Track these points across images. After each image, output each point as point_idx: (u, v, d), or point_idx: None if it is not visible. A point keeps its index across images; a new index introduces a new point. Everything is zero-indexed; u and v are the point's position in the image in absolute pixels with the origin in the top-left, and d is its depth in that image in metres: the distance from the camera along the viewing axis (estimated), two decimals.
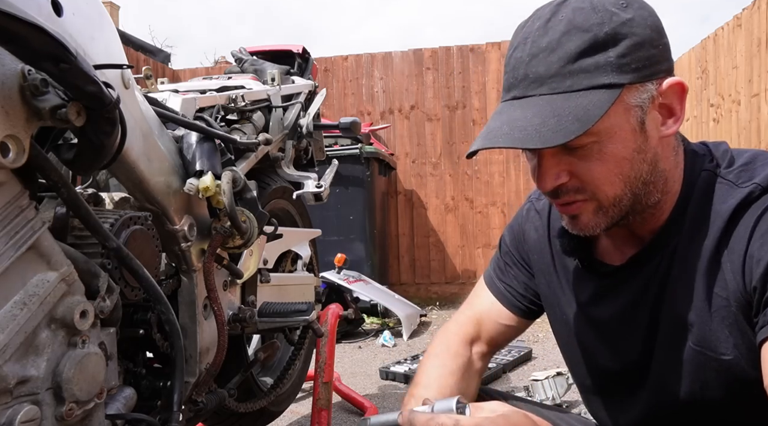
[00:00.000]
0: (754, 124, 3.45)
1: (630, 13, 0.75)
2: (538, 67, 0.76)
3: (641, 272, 0.86)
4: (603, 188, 0.78)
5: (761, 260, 0.72)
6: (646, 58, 0.75)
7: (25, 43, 0.68)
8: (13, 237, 0.74)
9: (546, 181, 0.80)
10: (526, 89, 0.77)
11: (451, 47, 5.37)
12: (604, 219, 0.81)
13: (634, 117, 0.76)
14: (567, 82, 0.74)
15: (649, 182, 0.80)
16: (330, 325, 2.02)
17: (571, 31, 0.74)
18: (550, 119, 0.73)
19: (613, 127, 0.75)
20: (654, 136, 0.78)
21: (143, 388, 1.12)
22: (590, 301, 0.93)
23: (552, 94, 0.75)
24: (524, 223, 1.06)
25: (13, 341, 0.73)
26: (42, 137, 0.86)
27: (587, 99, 0.73)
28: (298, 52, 2.25)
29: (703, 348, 0.80)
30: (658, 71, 0.76)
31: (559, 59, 0.74)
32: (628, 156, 0.77)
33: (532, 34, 0.77)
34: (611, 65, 0.73)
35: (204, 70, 6.65)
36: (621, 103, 0.74)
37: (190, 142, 1.22)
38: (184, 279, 1.25)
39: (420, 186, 5.37)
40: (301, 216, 2.04)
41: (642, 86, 0.75)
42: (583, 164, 0.77)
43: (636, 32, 0.74)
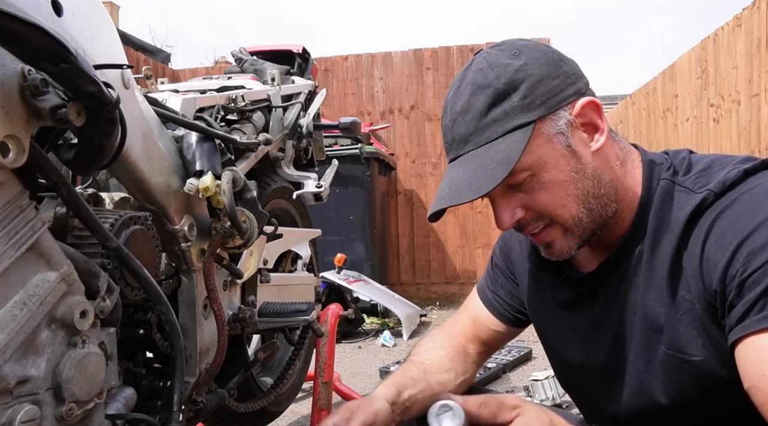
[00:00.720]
0: (754, 124, 3.45)
1: (522, 58, 0.83)
2: (460, 129, 0.85)
3: (611, 278, 0.90)
4: (558, 212, 0.84)
5: (718, 263, 0.75)
6: (548, 91, 0.82)
7: (25, 43, 0.68)
8: (13, 237, 0.74)
9: (503, 220, 0.86)
10: (456, 150, 0.86)
11: (451, 47, 5.38)
12: (574, 240, 0.86)
13: (559, 143, 0.82)
14: (485, 134, 0.82)
15: (601, 195, 0.85)
16: (330, 325, 2.02)
17: (476, 92, 0.83)
18: (477, 171, 0.81)
19: (542, 158, 0.82)
20: (586, 153, 0.84)
21: (143, 388, 1.12)
22: (566, 308, 0.97)
23: (476, 149, 0.83)
24: (511, 236, 1.12)
25: (13, 341, 0.73)
26: (42, 137, 0.86)
27: (505, 143, 0.81)
28: (298, 52, 2.25)
29: (674, 351, 0.82)
30: (566, 98, 0.83)
31: (473, 118, 0.83)
32: (568, 178, 0.83)
33: (449, 102, 0.87)
34: (517, 108, 0.81)
35: (204, 70, 6.65)
36: (541, 136, 0.81)
37: (190, 142, 1.22)
38: (184, 279, 1.25)
39: (420, 186, 5.38)
40: (301, 216, 2.03)
41: (554, 115, 0.82)
42: (531, 197, 0.84)
43: (531, 73, 0.82)
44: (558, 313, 0.99)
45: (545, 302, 1.02)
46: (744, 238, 0.73)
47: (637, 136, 5.59)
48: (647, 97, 5.48)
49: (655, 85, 5.26)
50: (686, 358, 0.81)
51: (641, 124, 5.64)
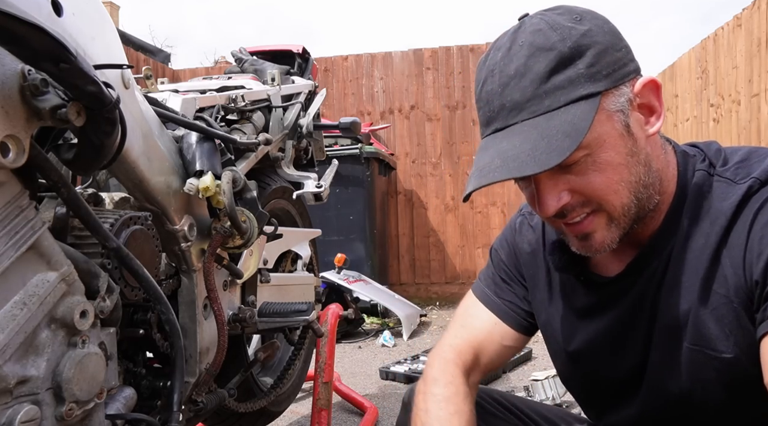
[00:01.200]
0: (754, 124, 3.45)
1: (586, 24, 0.76)
2: (513, 95, 0.75)
3: (639, 279, 0.85)
4: (609, 198, 0.77)
5: (762, 253, 0.72)
6: (614, 62, 0.75)
7: (25, 43, 0.68)
8: (13, 237, 0.74)
9: (548, 205, 0.78)
10: (506, 119, 0.76)
11: (451, 47, 5.37)
12: (617, 231, 0.79)
13: (619, 122, 0.76)
14: (545, 102, 0.74)
15: (648, 184, 0.79)
16: (330, 325, 2.02)
17: (535, 53, 0.75)
18: (540, 142, 0.72)
19: (602, 136, 0.74)
20: (641, 136, 0.78)
21: (143, 388, 1.12)
22: (588, 313, 0.91)
23: (534, 118, 0.74)
24: (517, 236, 1.04)
25: (13, 341, 0.73)
26: (42, 137, 0.86)
27: (570, 114, 0.73)
28: (298, 52, 2.25)
29: (702, 347, 0.79)
30: (628, 73, 0.77)
31: (531, 82, 0.74)
32: (623, 161, 0.76)
33: (498, 65, 0.77)
34: (583, 76, 0.74)
35: (204, 70, 6.65)
36: (603, 112, 0.74)
37: (190, 142, 1.22)
38: (184, 279, 1.25)
39: (420, 186, 5.37)
40: (301, 216, 2.03)
41: (617, 90, 0.76)
42: (582, 179, 0.76)
43: (598, 41, 0.75)
44: (575, 319, 0.93)
45: (559, 309, 0.96)
46: None
47: None
48: None
49: None
50: (715, 354, 0.77)
51: None
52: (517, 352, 1.06)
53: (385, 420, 2.34)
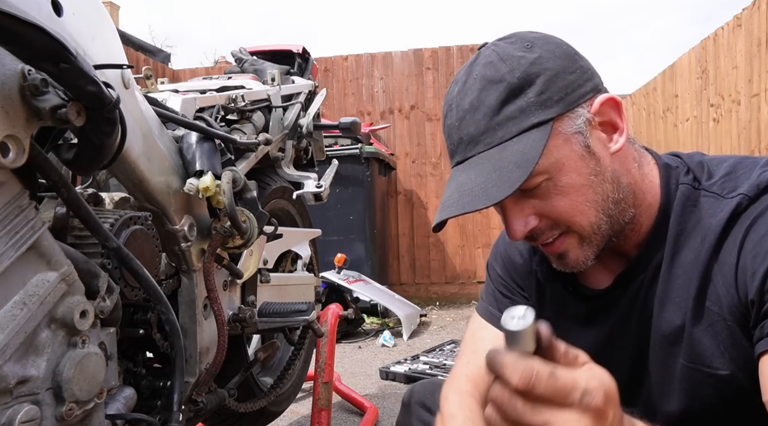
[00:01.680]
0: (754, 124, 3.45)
1: (536, 52, 0.77)
2: (468, 128, 0.77)
3: (627, 291, 0.85)
4: (575, 219, 0.78)
5: (756, 272, 0.71)
6: (565, 86, 0.76)
7: (25, 43, 0.68)
8: (13, 237, 0.74)
9: (515, 230, 0.79)
10: (464, 152, 0.78)
11: (451, 47, 5.38)
12: (590, 249, 0.80)
13: (577, 144, 0.76)
14: (498, 133, 0.75)
15: (619, 200, 0.79)
16: (330, 325, 2.02)
17: (486, 86, 0.76)
18: (492, 174, 0.74)
19: (560, 160, 0.75)
20: (605, 155, 0.78)
21: (143, 388, 1.12)
22: (578, 325, 0.91)
23: (488, 150, 0.76)
24: (509, 248, 1.04)
25: (13, 341, 0.73)
26: (42, 137, 0.86)
27: (522, 143, 0.74)
28: (298, 52, 2.25)
29: (698, 364, 0.78)
30: (584, 94, 0.77)
31: (484, 115, 0.76)
32: (586, 182, 0.77)
33: (454, 100, 0.80)
34: (534, 105, 0.75)
35: (204, 70, 6.65)
36: (558, 136, 0.75)
37: (190, 142, 1.22)
38: (184, 279, 1.25)
39: (420, 186, 5.37)
40: (301, 216, 2.04)
41: (573, 113, 0.76)
42: (546, 203, 0.77)
43: (547, 67, 0.76)
44: (567, 329, 0.92)
45: (552, 318, 0.93)
46: None
47: (637, 136, 5.59)
48: (647, 97, 5.48)
49: (655, 85, 5.26)
50: (711, 371, 0.77)
51: (641, 124, 5.64)
52: None
53: (385, 420, 2.34)
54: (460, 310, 4.84)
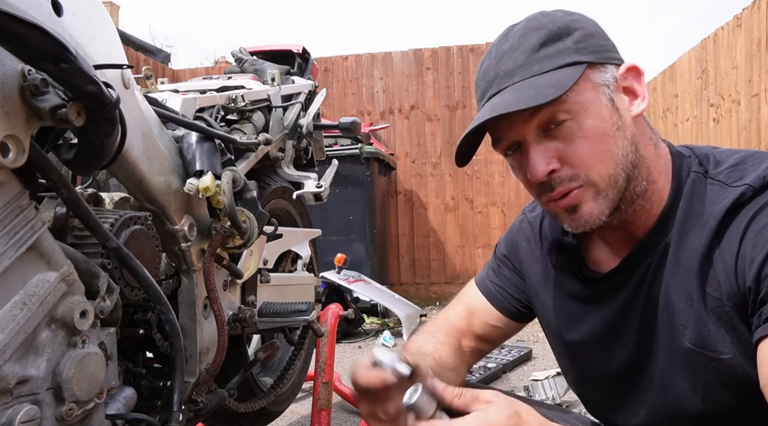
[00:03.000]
0: (754, 124, 3.45)
1: (575, 16, 0.84)
2: (507, 64, 0.82)
3: (635, 274, 0.86)
4: (596, 167, 0.80)
5: (754, 260, 0.73)
6: (600, 45, 0.82)
7: (25, 43, 0.68)
8: (13, 237, 0.74)
9: (537, 168, 0.81)
10: (500, 84, 0.82)
11: (451, 47, 5.38)
12: (605, 203, 0.81)
13: (604, 94, 0.80)
14: (535, 67, 0.80)
15: (636, 164, 0.82)
16: (330, 325, 2.02)
17: (528, 33, 0.82)
18: (528, 91, 0.78)
19: (587, 103, 0.79)
20: (627, 115, 0.82)
21: (143, 388, 1.12)
22: (585, 310, 0.93)
23: (525, 79, 0.80)
24: (517, 233, 1.08)
25: (13, 341, 0.73)
26: (42, 137, 0.86)
27: (557, 74, 0.78)
28: (298, 52, 2.25)
29: (702, 348, 0.79)
30: (614, 58, 0.83)
31: (523, 53, 0.81)
32: (609, 131, 0.80)
33: (494, 47, 0.85)
34: (570, 49, 0.80)
35: (204, 70, 6.66)
36: (588, 81, 0.80)
37: (190, 142, 1.22)
38: (184, 279, 1.25)
39: (420, 186, 5.38)
40: (301, 216, 2.03)
41: (603, 67, 0.81)
42: (569, 146, 0.80)
43: (585, 26, 0.82)
44: (574, 313, 0.95)
45: (557, 304, 0.98)
46: None
47: None
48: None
49: (655, 85, 5.26)
50: (715, 355, 0.78)
51: None
52: (504, 335, 1.11)
53: None
54: None
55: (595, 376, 0.95)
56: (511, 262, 1.09)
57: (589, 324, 0.93)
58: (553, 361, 3.14)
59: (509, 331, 1.10)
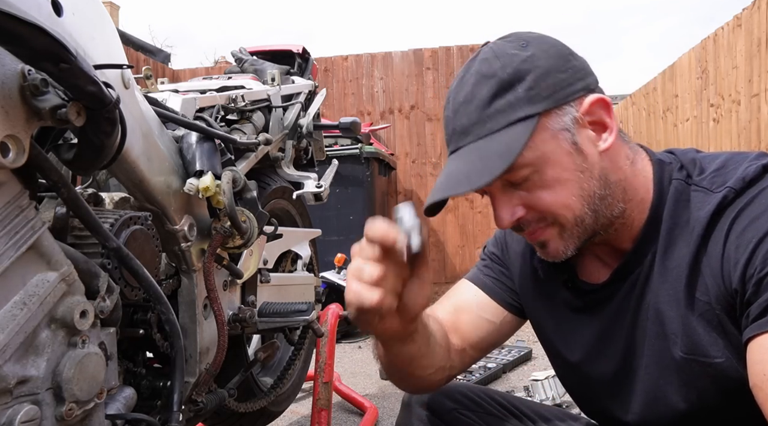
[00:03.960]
0: (754, 124, 3.45)
1: (530, 50, 0.80)
2: (461, 120, 0.81)
3: (623, 285, 0.87)
4: (561, 212, 0.81)
5: (738, 262, 0.73)
6: (555, 84, 0.79)
7: (25, 43, 0.68)
8: (13, 237, 0.74)
9: (503, 218, 0.83)
10: (457, 142, 0.82)
11: (451, 47, 5.37)
12: (571, 241, 0.83)
13: (564, 140, 0.79)
14: (487, 125, 0.79)
15: (606, 196, 0.82)
16: (330, 325, 2.02)
17: (480, 81, 0.80)
18: (477, 164, 0.78)
19: (546, 154, 0.79)
20: (593, 152, 0.81)
21: (143, 388, 1.12)
22: (577, 318, 0.93)
23: (477, 141, 0.80)
24: (508, 235, 1.07)
25: (13, 341, 0.73)
26: (42, 137, 0.86)
27: (507, 136, 0.78)
28: (298, 52, 2.25)
29: (695, 355, 0.79)
30: (573, 92, 0.80)
31: (476, 108, 0.80)
32: (572, 177, 0.80)
33: (452, 94, 0.84)
34: (522, 100, 0.78)
35: (204, 70, 6.66)
36: (545, 131, 0.78)
37: (190, 142, 1.22)
38: (184, 279, 1.25)
39: (420, 186, 5.37)
40: (301, 216, 2.03)
41: (560, 110, 0.79)
42: (533, 195, 0.81)
43: (538, 65, 0.79)
44: (564, 320, 0.95)
45: (548, 309, 0.98)
46: (763, 235, 0.72)
47: (637, 136, 5.59)
48: (647, 97, 5.48)
49: (655, 85, 5.26)
50: (708, 361, 0.79)
51: (641, 124, 5.64)
52: (497, 333, 1.04)
53: (385, 420, 2.34)
54: None
55: (587, 381, 0.95)
56: (502, 260, 1.07)
57: (580, 333, 0.93)
58: None
59: (503, 329, 1.04)
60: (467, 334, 1.02)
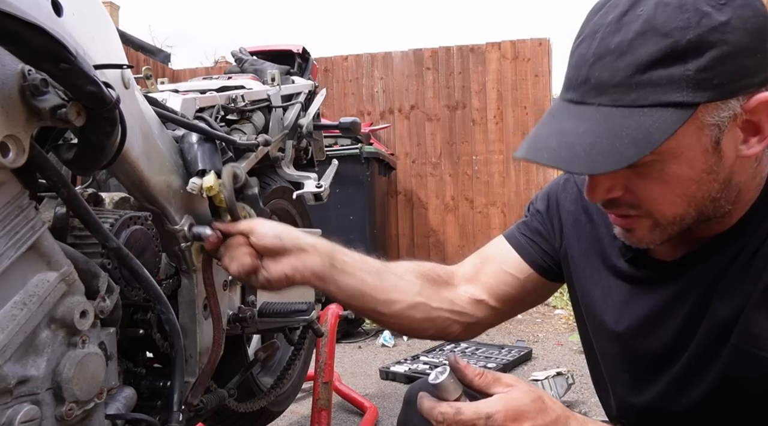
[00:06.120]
0: None
1: (727, 13, 0.64)
2: (602, 72, 0.67)
3: (693, 270, 0.80)
4: (661, 208, 0.72)
5: None
6: (736, 71, 0.64)
7: (25, 43, 0.68)
8: (14, 237, 0.74)
9: (596, 192, 0.73)
10: (585, 95, 0.69)
11: (451, 47, 5.37)
12: (661, 235, 0.75)
13: (708, 136, 0.67)
14: (632, 94, 0.65)
15: (719, 198, 0.72)
16: (330, 325, 2.02)
17: (646, 33, 0.64)
18: (604, 140, 0.65)
19: (680, 147, 0.67)
20: (730, 155, 0.69)
21: (143, 388, 1.12)
22: (632, 291, 0.87)
23: (612, 107, 0.66)
24: (560, 192, 0.98)
25: (13, 341, 0.73)
26: (42, 137, 0.86)
27: (651, 118, 0.64)
28: (298, 52, 2.25)
29: (749, 345, 0.73)
30: (749, 85, 0.66)
31: (627, 66, 0.65)
32: (695, 177, 0.69)
33: (603, 29, 0.67)
34: (688, 80, 0.64)
35: (204, 70, 6.66)
36: (693, 123, 0.65)
37: (190, 142, 1.22)
38: (184, 279, 1.25)
39: (420, 186, 5.37)
40: (301, 216, 2.03)
41: (723, 104, 0.66)
42: (641, 182, 0.70)
43: (728, 40, 0.63)
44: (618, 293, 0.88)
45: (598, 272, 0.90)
46: None
47: None
48: None
49: None
50: (763, 354, 0.72)
51: None
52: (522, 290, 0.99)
53: (385, 420, 2.34)
54: None
55: (626, 358, 0.90)
56: (550, 218, 0.98)
57: (633, 307, 0.86)
58: (553, 361, 3.15)
59: (526, 286, 0.98)
60: (488, 284, 0.99)
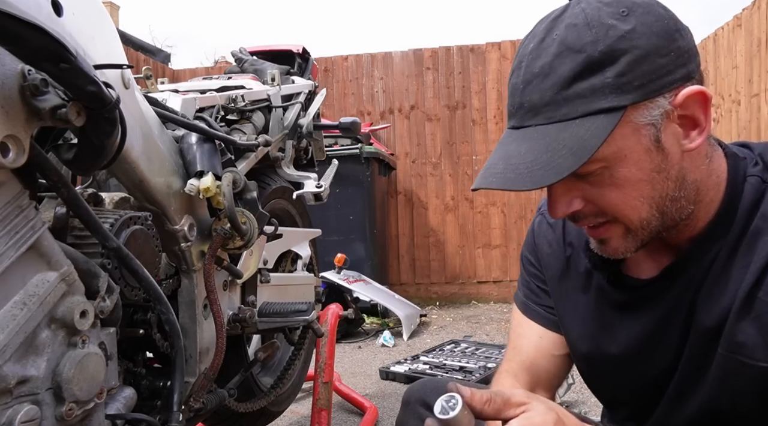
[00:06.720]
0: (754, 124, 3.45)
1: (631, 22, 0.68)
2: (532, 95, 0.71)
3: (675, 284, 0.81)
4: (625, 213, 0.73)
5: None
6: (652, 71, 0.68)
7: (25, 43, 0.68)
8: (13, 237, 0.74)
9: (556, 209, 0.75)
10: (522, 119, 0.73)
11: (451, 47, 5.37)
12: (634, 242, 0.76)
13: (647, 136, 0.70)
14: (562, 109, 0.69)
15: (679, 198, 0.74)
16: (330, 325, 2.02)
17: (563, 53, 0.69)
18: (543, 155, 0.69)
19: (622, 151, 0.69)
20: (675, 151, 0.72)
21: (143, 388, 1.12)
22: (621, 317, 0.88)
23: (547, 124, 0.70)
24: (537, 238, 1.01)
25: (13, 341, 0.73)
26: (42, 137, 0.86)
27: (584, 127, 0.68)
28: (298, 52, 2.25)
29: (735, 354, 0.75)
30: (671, 82, 0.69)
31: (552, 85, 0.69)
32: (646, 177, 0.71)
33: (526, 58, 0.73)
34: (609, 87, 0.67)
35: (204, 70, 6.65)
36: (627, 125, 0.69)
37: (190, 143, 1.22)
38: (184, 279, 1.25)
39: (420, 186, 5.37)
40: (301, 216, 2.03)
41: (651, 103, 0.69)
42: (596, 190, 0.73)
43: (637, 44, 0.67)
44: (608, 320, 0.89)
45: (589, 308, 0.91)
46: None
47: None
48: None
49: None
50: (751, 362, 0.73)
51: None
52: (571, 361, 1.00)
53: (385, 420, 2.34)
54: (459, 310, 4.84)
55: (622, 383, 0.91)
56: (536, 264, 1.02)
57: (626, 332, 0.87)
58: None
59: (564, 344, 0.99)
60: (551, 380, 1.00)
